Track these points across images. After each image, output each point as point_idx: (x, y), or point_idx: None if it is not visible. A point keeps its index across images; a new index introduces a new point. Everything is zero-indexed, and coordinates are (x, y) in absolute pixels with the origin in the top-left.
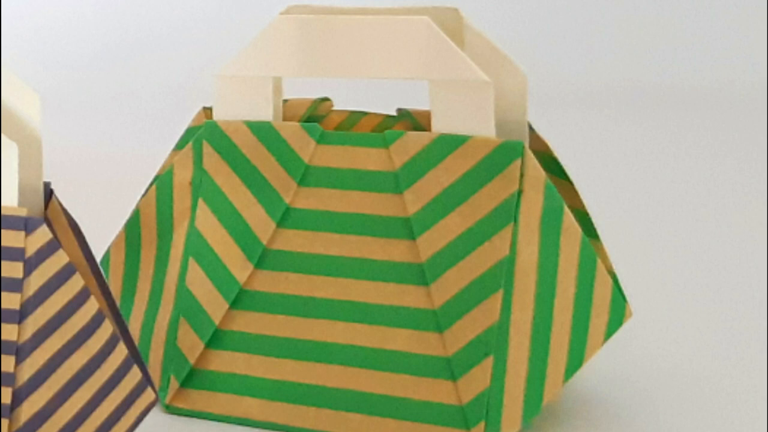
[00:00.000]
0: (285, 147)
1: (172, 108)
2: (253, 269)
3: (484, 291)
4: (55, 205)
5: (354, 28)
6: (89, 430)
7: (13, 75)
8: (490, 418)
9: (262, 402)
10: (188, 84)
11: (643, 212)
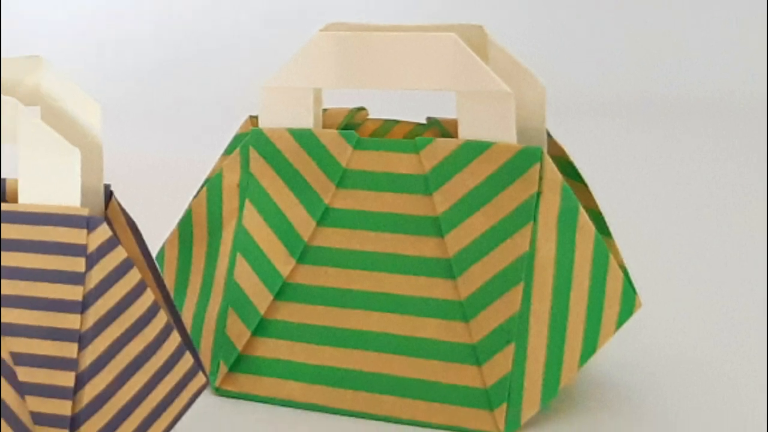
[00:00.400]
0: (324, 152)
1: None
2: (296, 264)
3: (506, 284)
4: (115, 205)
5: (387, 43)
6: (145, 411)
7: (76, 87)
8: (512, 400)
9: (304, 385)
10: (236, 95)
11: (651, 212)
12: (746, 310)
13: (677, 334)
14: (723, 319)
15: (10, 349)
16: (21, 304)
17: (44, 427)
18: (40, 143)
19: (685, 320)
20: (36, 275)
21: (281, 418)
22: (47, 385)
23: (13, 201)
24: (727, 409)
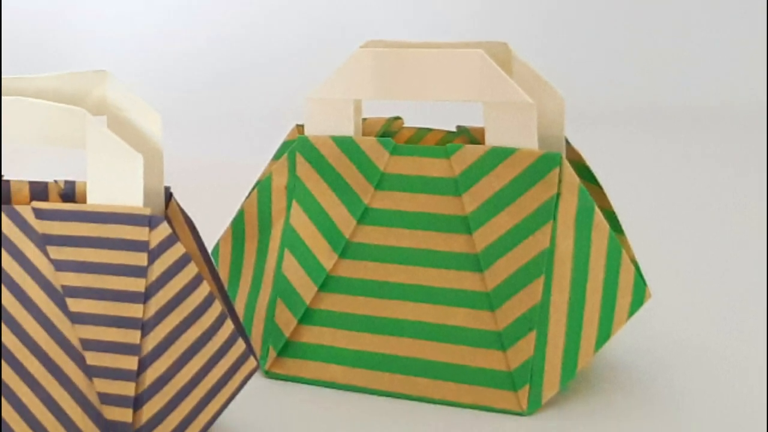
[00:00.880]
0: (364, 157)
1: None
2: (338, 258)
3: (528, 277)
4: (174, 205)
5: (421, 59)
6: (201, 392)
7: (138, 98)
8: (534, 382)
9: (345, 368)
10: (283, 105)
11: (660, 211)
12: (746, 300)
13: (684, 322)
14: (725, 309)
15: (79, 336)
16: (89, 295)
17: (110, 407)
18: (106, 149)
19: (690, 310)
20: (103, 269)
21: (324, 398)
22: (113, 369)
23: (82, 201)
24: (729, 390)
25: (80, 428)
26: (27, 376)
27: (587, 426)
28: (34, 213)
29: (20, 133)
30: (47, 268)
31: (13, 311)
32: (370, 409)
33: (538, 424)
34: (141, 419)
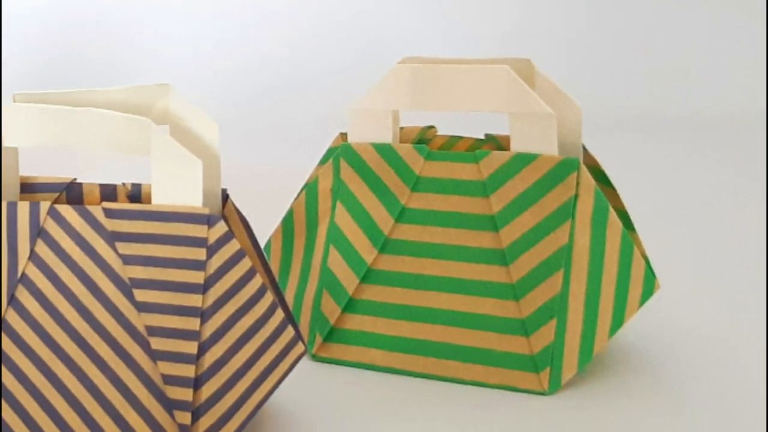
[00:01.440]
0: (401, 162)
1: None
2: (377, 253)
3: (549, 270)
4: (230, 205)
5: (453, 74)
6: (255, 374)
7: (198, 109)
8: (554, 364)
9: (384, 352)
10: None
11: (669, 211)
12: (746, 291)
13: (689, 311)
14: (727, 299)
15: (144, 323)
16: (154, 286)
17: (172, 387)
18: (169, 155)
19: (695, 300)
20: (166, 263)
21: (365, 379)
22: (175, 353)
23: (147, 202)
24: (730, 373)
25: (145, 406)
26: (98, 359)
27: (602, 404)
28: (104, 212)
29: (92, 140)
30: (116, 262)
31: (85, 301)
32: (406, 389)
33: (558, 403)
34: (200, 398)
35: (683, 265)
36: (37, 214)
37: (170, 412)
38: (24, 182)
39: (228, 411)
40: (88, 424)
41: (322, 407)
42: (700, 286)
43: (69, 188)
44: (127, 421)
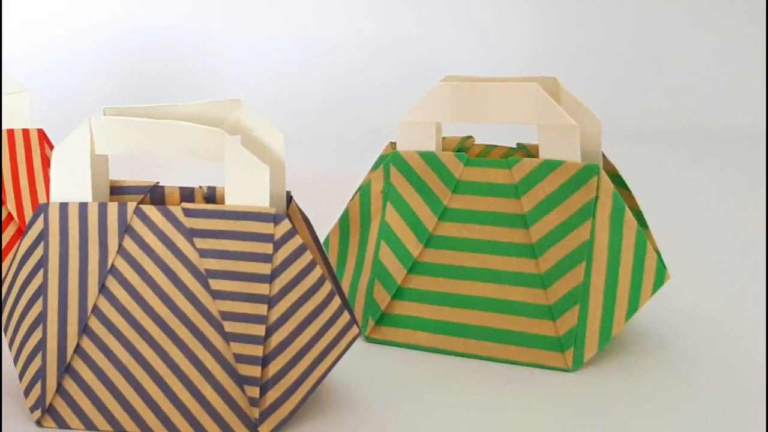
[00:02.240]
0: (443, 168)
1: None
2: (423, 248)
3: (573, 262)
4: (294, 206)
5: (488, 90)
6: (315, 353)
7: (266, 121)
8: (577, 345)
9: (428, 334)
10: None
11: (678, 210)
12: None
13: (696, 298)
14: (729, 288)
15: (219, 309)
16: (227, 276)
17: (243, 365)
18: (240, 162)
19: (701, 289)
20: (237, 255)
21: (412, 358)
22: (245, 335)
23: (221, 203)
24: (731, 351)
25: (219, 381)
26: (178, 340)
27: (620, 379)
28: (184, 212)
29: (172, 148)
30: (194, 255)
31: (166, 289)
32: (447, 367)
33: (581, 379)
34: (267, 375)
35: (691, 258)
36: (125, 213)
37: (241, 386)
38: (113, 185)
39: (291, 386)
40: (169, 397)
41: (374, 383)
42: (706, 276)
43: (153, 190)
44: (203, 395)
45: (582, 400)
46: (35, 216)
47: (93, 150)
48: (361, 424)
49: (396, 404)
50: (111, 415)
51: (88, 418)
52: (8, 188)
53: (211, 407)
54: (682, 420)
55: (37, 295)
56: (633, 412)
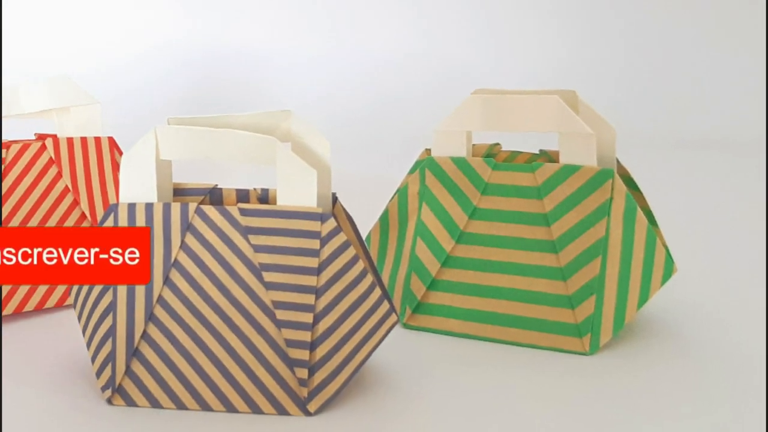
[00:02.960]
0: (473, 172)
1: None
2: (455, 243)
3: (590, 256)
4: (339, 206)
5: (514, 102)
6: (358, 338)
7: (314, 129)
8: (594, 331)
9: (460, 321)
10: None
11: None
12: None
13: (700, 289)
14: (731, 281)
15: (271, 299)
16: (278, 269)
17: (293, 348)
18: (290, 166)
19: (706, 280)
20: (288, 251)
21: (445, 343)
22: (295, 321)
23: (273, 203)
24: (731, 337)
25: (272, 364)
26: (234, 327)
27: (632, 362)
28: (240, 211)
29: (229, 154)
30: (248, 250)
31: (224, 281)
32: (477, 350)
33: (597, 362)
34: (315, 358)
35: (696, 253)
36: (187, 213)
37: (291, 368)
38: (176, 188)
39: (337, 367)
40: (226, 378)
41: (411, 365)
42: (709, 269)
43: (212, 192)
44: (257, 376)
45: (598, 381)
46: (105, 215)
47: (158, 156)
48: (399, 402)
49: (430, 384)
50: (174, 394)
51: (153, 397)
52: (82, 190)
53: (264, 387)
54: (687, 397)
55: (107, 287)
56: (644, 390)
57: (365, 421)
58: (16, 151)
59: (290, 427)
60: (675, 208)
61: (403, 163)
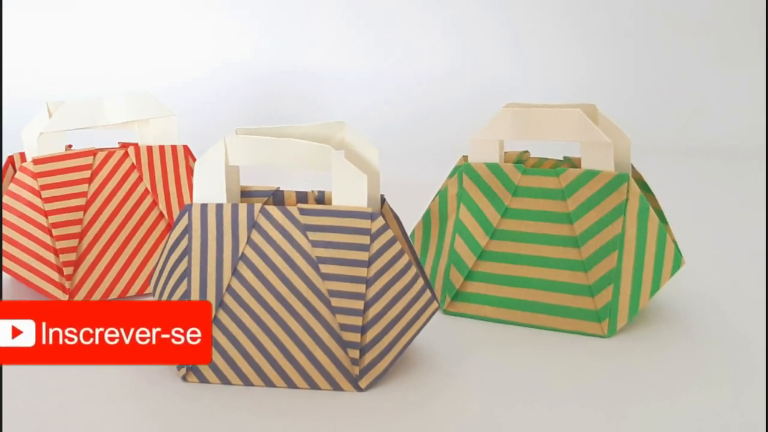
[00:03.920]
0: (505, 176)
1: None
2: (489, 239)
3: (608, 250)
4: (387, 206)
5: (541, 114)
6: (403, 323)
7: (364, 138)
8: (611, 316)
9: (494, 308)
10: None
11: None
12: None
13: (706, 280)
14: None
15: (327, 288)
16: (333, 262)
17: (346, 332)
18: (344, 171)
19: (710, 272)
20: (342, 245)
21: (481, 327)
22: (348, 308)
23: (328, 203)
24: (733, 322)
25: (327, 345)
26: (295, 313)
27: (645, 344)
28: (299, 211)
29: (290, 160)
30: (307, 245)
31: (285, 272)
32: (508, 333)
33: (614, 343)
34: (365, 340)
35: (702, 247)
36: (252, 212)
37: (345, 349)
38: (243, 190)
39: (384, 349)
40: (287, 358)
41: (450, 347)
42: (714, 263)
43: (275, 194)
44: (314, 356)
45: (615, 360)
46: (181, 214)
47: (227, 162)
48: (439, 379)
49: (467, 363)
50: (241, 371)
51: (223, 375)
52: (160, 192)
53: (320, 365)
54: (693, 374)
55: (183, 276)
56: (655, 369)
57: (410, 396)
58: (102, 158)
59: (344, 402)
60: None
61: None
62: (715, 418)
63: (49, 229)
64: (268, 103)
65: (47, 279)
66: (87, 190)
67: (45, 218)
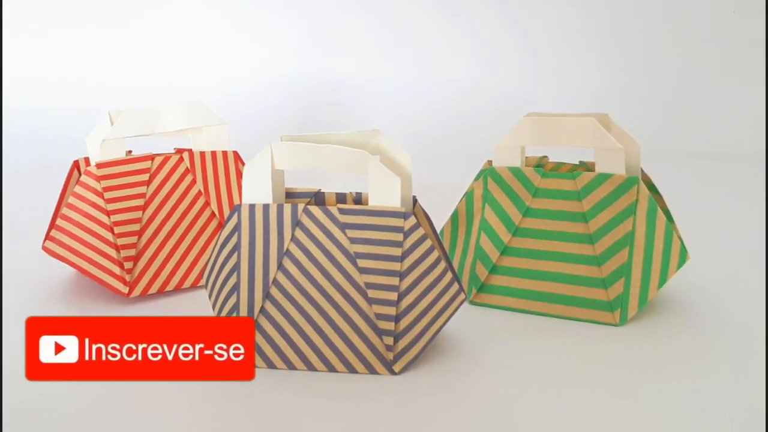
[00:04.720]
0: (526, 179)
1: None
2: (511, 237)
3: (620, 247)
4: (418, 206)
5: (558, 123)
6: (433, 313)
7: (397, 144)
8: (623, 306)
9: (516, 299)
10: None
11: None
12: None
13: (709, 273)
14: (735, 268)
15: (364, 281)
16: (370, 257)
17: (381, 321)
18: (379, 174)
19: (714, 267)
20: (377, 242)
21: (504, 316)
22: (383, 299)
23: (365, 204)
24: (734, 312)
25: (364, 332)
26: (334, 303)
27: (653, 332)
28: (339, 211)
29: (330, 165)
30: (346, 242)
31: (327, 267)
32: (530, 322)
33: (625, 332)
34: (399, 328)
35: (706, 244)
36: (296, 212)
37: (380, 336)
38: (288, 191)
39: (416, 336)
40: (328, 344)
41: (476, 334)
42: (717, 258)
43: (316, 195)
44: (353, 342)
45: (626, 347)
46: (231, 214)
47: (273, 166)
48: (466, 364)
49: (492, 349)
50: (285, 356)
51: (269, 359)
52: (212, 194)
53: (358, 351)
54: (698, 360)
55: (233, 271)
56: (663, 354)
57: (440, 379)
58: (159, 162)
59: (379, 384)
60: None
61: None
62: (717, 398)
63: (111, 228)
64: (309, 113)
65: (109, 273)
66: (145, 191)
67: (107, 217)
